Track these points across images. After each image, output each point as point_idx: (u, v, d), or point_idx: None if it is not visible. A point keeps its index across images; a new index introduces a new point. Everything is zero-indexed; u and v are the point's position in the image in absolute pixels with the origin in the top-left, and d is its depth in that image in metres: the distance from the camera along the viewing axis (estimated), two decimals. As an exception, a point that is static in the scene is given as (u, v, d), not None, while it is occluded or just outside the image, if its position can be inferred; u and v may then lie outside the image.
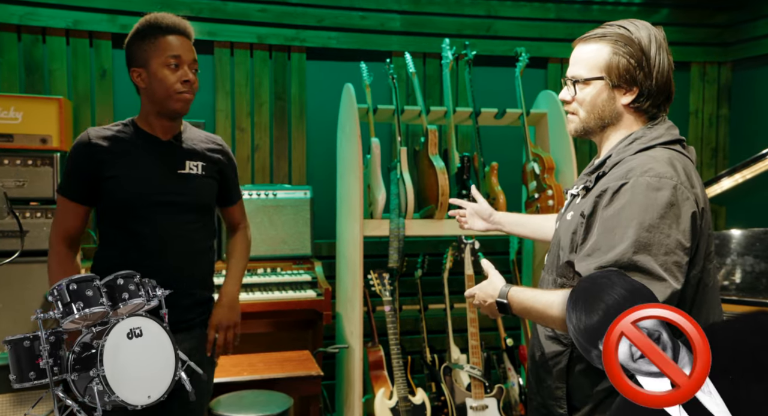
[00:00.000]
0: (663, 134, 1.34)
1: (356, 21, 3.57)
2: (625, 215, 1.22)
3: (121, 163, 1.77)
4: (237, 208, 2.08)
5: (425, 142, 3.21)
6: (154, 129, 1.83)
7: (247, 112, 3.50)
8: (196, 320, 1.89)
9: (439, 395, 3.15)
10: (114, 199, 1.77)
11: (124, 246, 1.79)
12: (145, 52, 1.76)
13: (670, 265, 1.19)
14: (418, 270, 3.43)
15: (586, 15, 3.91)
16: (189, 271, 1.85)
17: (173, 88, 1.76)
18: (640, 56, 1.33)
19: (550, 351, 1.40)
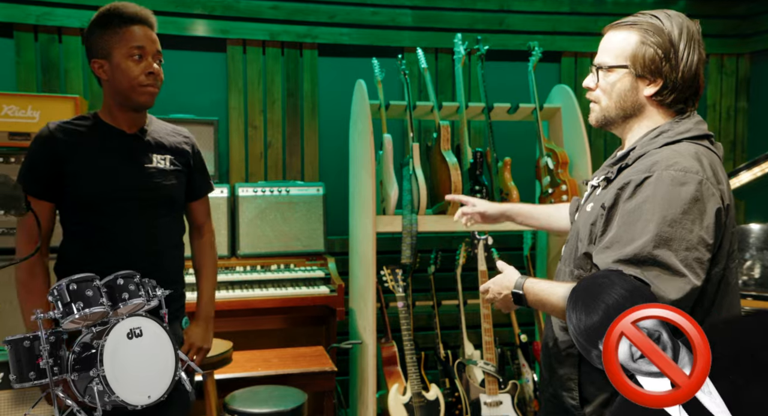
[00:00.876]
0: (690, 129, 1.31)
1: (368, 17, 3.57)
2: (647, 208, 1.20)
3: (84, 157, 1.70)
4: (201, 205, 1.98)
5: (437, 137, 3.20)
6: (119, 122, 1.75)
7: (259, 110, 3.52)
8: (169, 316, 1.77)
9: (453, 391, 3.15)
10: (78, 194, 1.70)
11: (91, 243, 1.72)
12: (107, 43, 1.68)
13: (691, 261, 1.17)
14: (431, 266, 3.43)
15: (601, 8, 3.86)
16: (158, 268, 1.77)
17: (137, 81, 1.68)
18: (668, 47, 1.30)
19: (563, 342, 1.40)
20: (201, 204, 1.97)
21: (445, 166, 3.12)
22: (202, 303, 1.94)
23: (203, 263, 1.98)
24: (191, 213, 1.97)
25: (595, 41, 4.49)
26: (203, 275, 1.97)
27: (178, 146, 1.86)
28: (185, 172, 1.86)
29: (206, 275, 1.96)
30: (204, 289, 1.95)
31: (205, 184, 1.96)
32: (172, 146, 1.84)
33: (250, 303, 2.95)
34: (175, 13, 3.36)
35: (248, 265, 3.18)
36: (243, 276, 3.08)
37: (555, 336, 1.43)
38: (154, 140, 1.81)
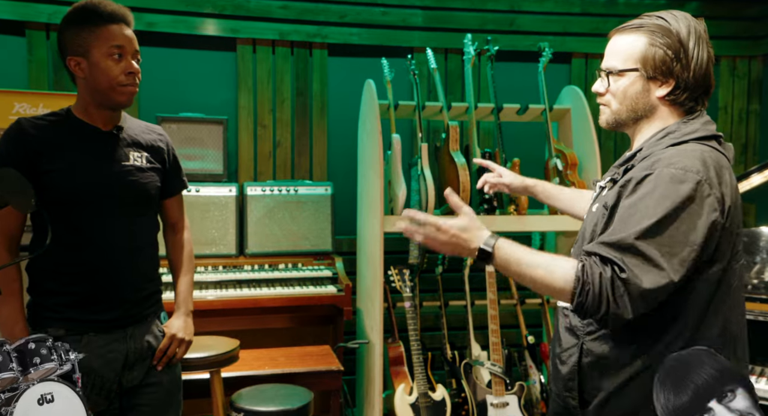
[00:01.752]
0: (698, 129, 1.31)
1: (378, 17, 3.57)
2: (642, 204, 1.22)
3: (60, 155, 1.65)
4: (175, 202, 1.96)
5: (446, 138, 3.20)
6: (94, 119, 1.72)
7: (269, 109, 3.52)
8: (147, 312, 1.81)
9: (460, 391, 3.14)
10: (54, 193, 1.65)
11: (66, 242, 1.67)
12: (85, 41, 1.63)
13: (672, 257, 1.18)
14: (439, 266, 3.42)
15: (612, 9, 3.85)
16: (135, 266, 1.76)
17: (117, 80, 1.65)
18: (677, 48, 1.30)
19: (566, 343, 1.40)
20: (175, 201, 1.96)
21: (454, 166, 3.11)
22: (180, 299, 1.91)
23: (179, 258, 1.95)
24: (165, 211, 1.95)
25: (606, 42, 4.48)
26: (180, 270, 1.94)
27: (154, 144, 1.84)
28: (161, 169, 1.85)
29: (183, 270, 1.94)
30: (181, 283, 1.93)
31: (179, 181, 1.95)
32: (148, 144, 1.82)
33: (257, 301, 2.95)
34: (186, 12, 3.38)
35: (256, 264, 3.19)
36: (251, 274, 3.09)
37: (560, 337, 1.43)
38: (130, 138, 1.78)
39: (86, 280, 1.68)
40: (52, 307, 1.68)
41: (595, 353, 1.33)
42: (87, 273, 1.68)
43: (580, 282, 1.21)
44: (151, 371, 1.79)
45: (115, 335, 1.72)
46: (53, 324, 1.67)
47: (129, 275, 1.74)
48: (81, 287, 1.68)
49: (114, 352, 1.71)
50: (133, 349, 1.74)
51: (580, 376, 1.36)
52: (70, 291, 1.68)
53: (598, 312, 1.20)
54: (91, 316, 1.69)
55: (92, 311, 1.69)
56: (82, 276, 1.68)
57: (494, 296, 3.13)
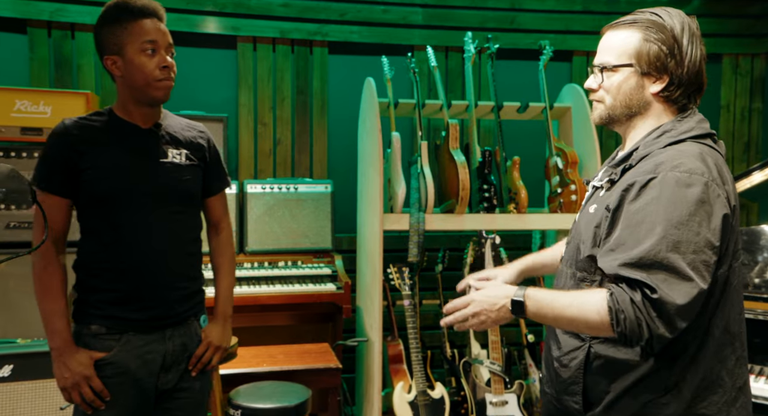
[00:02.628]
0: (693, 127, 1.30)
1: (378, 15, 3.56)
2: (652, 210, 1.19)
3: (100, 153, 1.67)
4: (218, 201, 1.93)
5: (446, 136, 3.19)
6: (134, 117, 1.72)
7: (269, 107, 3.53)
8: (187, 313, 1.79)
9: (459, 390, 3.14)
10: (94, 190, 1.66)
11: (107, 240, 1.68)
12: (119, 38, 1.63)
13: (698, 264, 1.15)
14: (439, 264, 3.42)
15: (613, 7, 3.84)
16: (175, 265, 1.75)
17: (152, 75, 1.65)
18: (672, 43, 1.29)
19: (567, 346, 1.37)
20: (218, 200, 1.93)
21: (454, 164, 3.11)
22: (219, 302, 1.91)
23: (221, 261, 1.94)
24: (208, 210, 1.93)
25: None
26: (221, 273, 1.93)
27: (194, 141, 1.83)
28: (201, 166, 1.83)
29: (224, 273, 1.93)
30: (222, 288, 1.92)
31: (221, 179, 1.93)
32: (188, 141, 1.81)
33: (257, 299, 2.96)
34: (187, 10, 3.38)
35: (256, 262, 3.19)
36: (250, 272, 3.10)
37: (558, 340, 1.41)
38: (169, 135, 1.77)
39: (126, 278, 1.68)
40: (95, 304, 1.69)
41: (604, 356, 1.30)
42: (126, 270, 1.68)
43: (614, 312, 1.18)
44: (185, 375, 1.78)
45: (154, 336, 1.71)
46: (96, 321, 1.68)
47: (167, 274, 1.73)
48: (121, 284, 1.68)
49: (152, 353, 1.71)
50: (171, 351, 1.74)
51: (585, 379, 1.33)
52: (112, 288, 1.68)
53: (641, 338, 1.18)
54: (131, 315, 1.69)
55: (132, 309, 1.69)
56: (121, 274, 1.68)
57: (493, 294, 3.13)
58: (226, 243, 1.96)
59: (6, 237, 2.89)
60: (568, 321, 1.26)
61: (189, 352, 1.79)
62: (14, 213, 2.90)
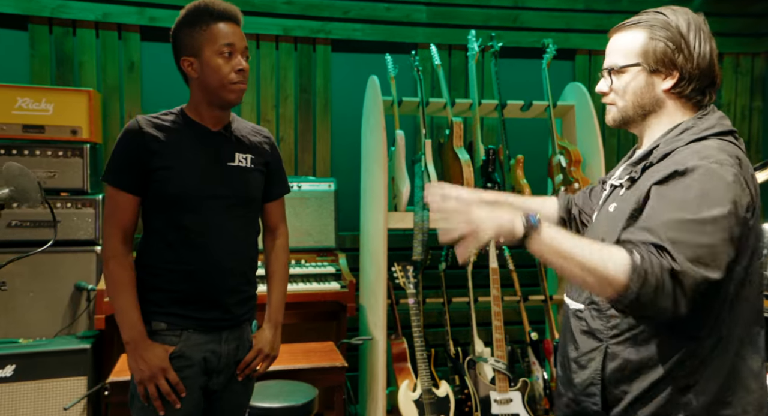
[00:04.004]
0: (715, 125, 1.29)
1: (382, 13, 3.55)
2: (680, 198, 1.17)
3: (171, 153, 1.68)
4: (277, 206, 1.94)
5: (450, 134, 3.19)
6: (204, 119, 1.74)
7: (272, 105, 3.51)
8: (242, 317, 1.80)
9: (463, 388, 3.14)
10: (163, 190, 1.68)
11: (171, 240, 1.69)
12: (197, 40, 1.66)
13: (716, 252, 1.14)
14: (442, 263, 3.42)
15: (615, 5, 3.84)
16: (237, 268, 1.76)
17: (228, 78, 1.66)
18: (678, 39, 1.29)
19: (584, 347, 1.35)
20: (277, 205, 1.94)
21: (458, 163, 3.11)
22: (272, 308, 1.91)
23: (276, 268, 1.94)
24: (266, 215, 1.93)
25: (611, 39, 4.34)
26: (275, 279, 1.93)
27: (259, 145, 1.85)
28: (264, 171, 1.85)
29: (278, 280, 1.93)
30: (276, 293, 1.92)
31: (282, 185, 1.94)
32: (254, 145, 1.83)
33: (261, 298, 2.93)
34: (189, 7, 3.36)
35: (259, 260, 3.17)
36: (254, 270, 3.08)
37: (575, 340, 1.38)
38: (237, 139, 1.79)
39: (190, 279, 1.69)
40: (156, 302, 1.70)
41: (622, 356, 1.29)
42: (191, 272, 1.69)
43: (638, 272, 1.12)
44: (233, 379, 1.80)
45: (211, 336, 1.73)
46: (156, 318, 1.69)
47: (230, 276, 1.74)
48: (184, 285, 1.69)
49: (210, 353, 1.72)
50: (225, 353, 1.75)
51: (603, 380, 1.31)
52: (172, 289, 1.70)
53: (654, 305, 1.13)
54: (192, 314, 1.70)
55: (193, 309, 1.70)
56: (186, 275, 1.69)
57: (498, 292, 3.13)
58: (282, 248, 1.95)
59: (7, 236, 2.87)
60: (578, 263, 1.15)
61: (239, 357, 1.80)
62: (15, 211, 2.88)
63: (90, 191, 3.00)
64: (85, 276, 2.96)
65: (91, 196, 2.99)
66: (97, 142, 3.14)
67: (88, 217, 2.97)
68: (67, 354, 2.75)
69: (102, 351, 2.92)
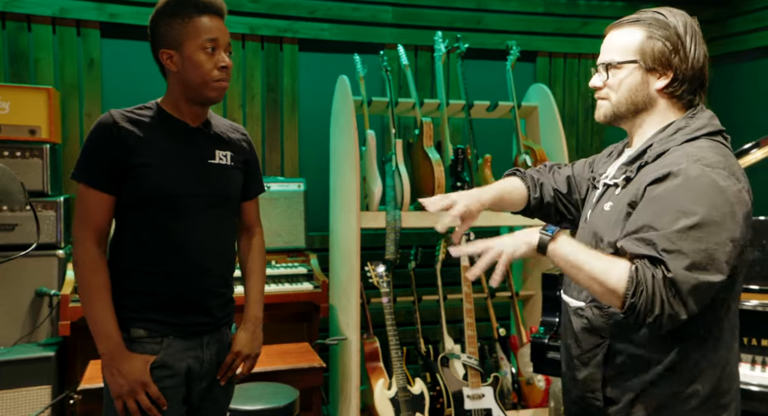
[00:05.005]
0: (706, 124, 1.32)
1: (348, 13, 3.56)
2: (675, 198, 1.20)
3: (149, 149, 1.58)
4: (254, 205, 1.89)
5: (420, 134, 3.22)
6: (183, 115, 1.65)
7: (238, 104, 3.46)
8: (222, 320, 1.73)
9: (434, 385, 3.18)
10: (140, 188, 1.57)
11: (148, 240, 1.60)
12: (178, 33, 1.57)
13: (718, 255, 1.17)
14: (412, 262, 3.45)
15: (573, 9, 3.96)
16: (216, 269, 1.69)
17: (210, 75, 1.58)
18: (675, 40, 1.32)
19: (586, 344, 1.37)
20: (253, 204, 1.89)
21: (428, 162, 3.14)
22: (250, 306, 1.84)
23: (254, 266, 1.88)
24: (243, 214, 1.87)
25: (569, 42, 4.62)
26: (253, 277, 1.87)
27: (238, 143, 1.78)
28: (243, 170, 1.78)
29: (257, 277, 1.87)
30: (254, 291, 1.85)
31: (259, 184, 1.88)
32: (233, 142, 1.76)
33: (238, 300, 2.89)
34: (151, 4, 3.25)
35: (229, 262, 3.12)
36: (224, 272, 3.03)
37: (577, 337, 1.39)
38: (216, 135, 1.72)
39: (167, 282, 1.61)
40: (133, 308, 1.60)
41: (626, 352, 1.31)
42: (167, 274, 1.61)
43: (634, 283, 1.17)
44: (215, 384, 1.73)
45: (192, 342, 1.65)
46: (134, 325, 1.60)
47: (209, 278, 1.67)
48: (163, 288, 1.61)
49: (192, 360, 1.65)
50: (208, 359, 1.68)
51: (604, 377, 1.33)
52: (151, 292, 1.61)
53: (651, 313, 1.17)
54: (171, 319, 1.62)
55: (173, 314, 1.62)
56: (162, 278, 1.61)
57: (469, 290, 3.18)
58: (259, 247, 1.90)
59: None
60: (588, 272, 1.22)
61: (220, 361, 1.74)
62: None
63: (51, 193, 2.88)
64: (46, 282, 2.84)
65: (51, 198, 2.87)
66: (57, 142, 3.02)
67: (49, 220, 2.85)
68: (29, 362, 2.64)
69: (66, 359, 2.81)
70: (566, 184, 1.62)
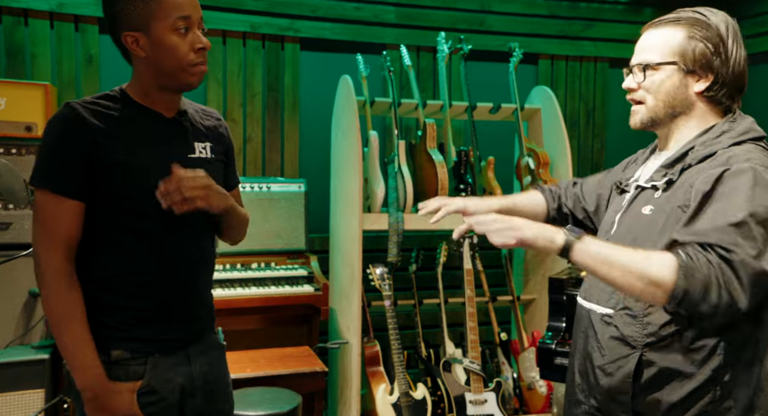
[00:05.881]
0: (750, 129, 1.28)
1: (350, 12, 3.52)
2: (732, 197, 1.15)
3: (123, 147, 1.37)
4: (235, 196, 1.66)
5: (422, 135, 3.18)
6: (156, 104, 1.44)
7: (239, 103, 3.41)
8: (206, 328, 1.58)
9: (435, 390, 3.13)
10: (117, 192, 1.38)
11: (131, 250, 1.41)
12: (143, 12, 1.34)
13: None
14: (413, 264, 3.40)
15: (575, 12, 3.93)
16: (203, 275, 1.54)
17: (187, 59, 1.37)
18: (717, 42, 1.27)
19: (613, 354, 1.31)
20: (235, 194, 1.68)
21: (431, 164, 3.11)
22: None
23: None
24: None
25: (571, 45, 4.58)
26: None
27: (215, 130, 1.58)
28: (224, 161, 1.59)
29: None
30: None
31: (235, 175, 1.67)
32: (210, 131, 1.56)
33: (232, 302, 2.84)
34: (152, 0, 3.22)
35: (228, 263, 3.07)
36: (223, 274, 2.97)
37: (602, 346, 1.33)
38: (192, 125, 1.51)
39: (154, 293, 1.43)
40: (115, 326, 1.41)
41: (659, 364, 1.25)
42: (153, 285, 1.43)
43: (685, 268, 1.10)
44: (212, 398, 1.55)
45: (179, 357, 1.48)
46: (117, 346, 1.41)
47: (198, 286, 1.52)
48: (148, 301, 1.43)
49: (180, 376, 1.47)
50: (198, 372, 1.50)
51: (634, 389, 1.27)
52: (136, 307, 1.42)
53: (705, 301, 1.10)
54: (157, 335, 1.44)
55: (159, 329, 1.44)
56: (149, 289, 1.43)
57: (472, 293, 3.15)
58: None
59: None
60: (623, 267, 1.15)
61: (215, 374, 1.56)
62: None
63: (46, 191, 2.81)
64: (41, 282, 2.77)
65: (47, 196, 2.80)
66: (53, 140, 2.95)
67: (45, 219, 2.78)
68: (22, 365, 2.56)
69: (61, 362, 2.74)
70: (582, 196, 1.61)
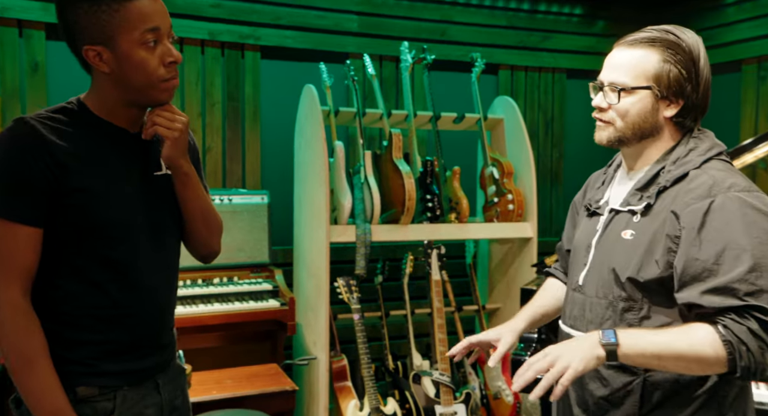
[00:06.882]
0: (713, 145, 1.29)
1: (313, 20, 3.46)
2: (729, 235, 1.14)
3: (88, 168, 1.26)
4: None
5: (389, 145, 3.15)
6: (119, 119, 1.32)
7: (198, 112, 3.30)
8: (172, 354, 1.48)
9: (404, 402, 3.09)
10: (81, 218, 1.25)
11: (96, 279, 1.28)
12: (106, 25, 1.21)
13: None
14: (378, 276, 3.36)
15: (532, 23, 3.99)
16: (170, 301, 1.44)
17: (157, 75, 1.25)
18: (690, 67, 1.25)
19: (616, 382, 1.28)
20: None
21: (398, 174, 3.07)
22: None
23: None
24: None
25: (530, 55, 4.62)
26: None
27: None
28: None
29: None
30: None
31: (204, 181, 1.51)
32: None
33: (194, 320, 2.73)
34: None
35: (188, 279, 2.95)
36: (184, 291, 2.85)
37: (601, 376, 1.30)
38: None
39: (124, 325, 1.32)
40: (79, 361, 1.29)
41: (664, 385, 1.24)
42: (122, 316, 1.32)
43: (734, 346, 1.11)
44: None
45: (147, 386, 1.37)
46: (83, 382, 1.29)
47: (167, 313, 1.42)
48: (117, 333, 1.32)
49: (150, 407, 1.37)
50: (166, 400, 1.41)
51: (642, 413, 1.25)
52: (103, 340, 1.31)
53: (763, 367, 1.12)
54: (124, 367, 1.33)
55: (127, 361, 1.34)
56: (115, 321, 1.31)
57: (441, 305, 3.12)
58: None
59: None
60: (675, 357, 1.14)
61: (180, 399, 1.46)
62: None
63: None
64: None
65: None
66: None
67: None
68: None
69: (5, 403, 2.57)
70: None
